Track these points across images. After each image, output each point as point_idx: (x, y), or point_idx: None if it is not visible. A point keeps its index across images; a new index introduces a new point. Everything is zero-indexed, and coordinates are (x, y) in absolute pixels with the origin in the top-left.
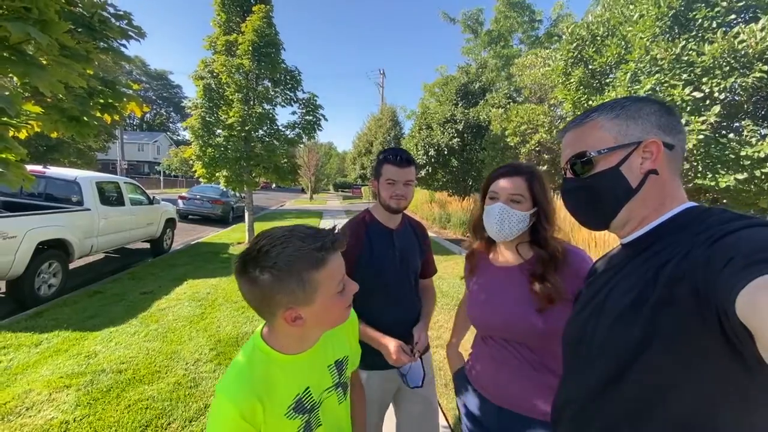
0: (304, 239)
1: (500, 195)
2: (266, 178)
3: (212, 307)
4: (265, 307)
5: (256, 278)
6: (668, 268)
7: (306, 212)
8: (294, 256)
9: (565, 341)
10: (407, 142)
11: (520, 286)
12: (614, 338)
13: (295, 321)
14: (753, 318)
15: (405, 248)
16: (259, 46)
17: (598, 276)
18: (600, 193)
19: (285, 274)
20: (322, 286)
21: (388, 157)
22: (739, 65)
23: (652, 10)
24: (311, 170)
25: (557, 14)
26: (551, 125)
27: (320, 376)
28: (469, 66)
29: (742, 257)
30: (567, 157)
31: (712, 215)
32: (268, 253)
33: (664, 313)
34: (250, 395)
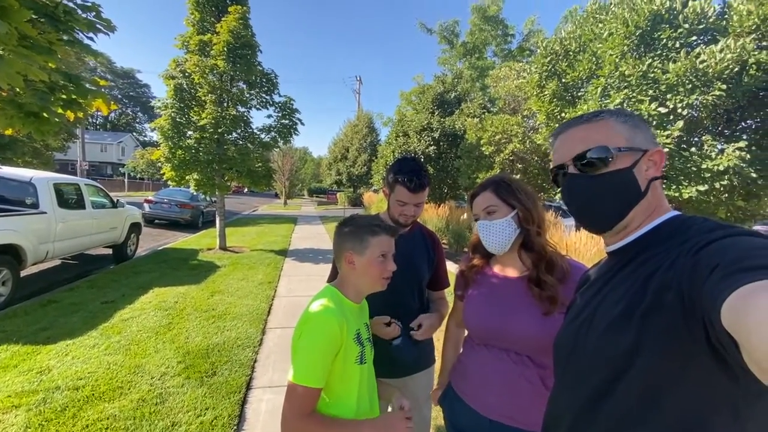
0: (373, 219)
1: (479, 213)
2: (239, 182)
3: (180, 317)
4: (340, 250)
5: (342, 231)
6: (657, 276)
7: (280, 217)
8: (364, 223)
9: (556, 353)
10: (384, 149)
11: (526, 295)
12: (605, 347)
13: (350, 263)
14: (737, 327)
15: (410, 254)
16: (234, 48)
17: (588, 287)
18: (613, 193)
19: (357, 230)
20: (372, 247)
21: (403, 179)
22: (700, 83)
23: (620, 29)
24: (286, 175)
25: (529, 29)
26: (524, 135)
27: (363, 326)
28: (445, 76)
29: (726, 265)
30: (576, 151)
31: (695, 224)
32: (354, 219)
33: (653, 321)
34: (341, 316)
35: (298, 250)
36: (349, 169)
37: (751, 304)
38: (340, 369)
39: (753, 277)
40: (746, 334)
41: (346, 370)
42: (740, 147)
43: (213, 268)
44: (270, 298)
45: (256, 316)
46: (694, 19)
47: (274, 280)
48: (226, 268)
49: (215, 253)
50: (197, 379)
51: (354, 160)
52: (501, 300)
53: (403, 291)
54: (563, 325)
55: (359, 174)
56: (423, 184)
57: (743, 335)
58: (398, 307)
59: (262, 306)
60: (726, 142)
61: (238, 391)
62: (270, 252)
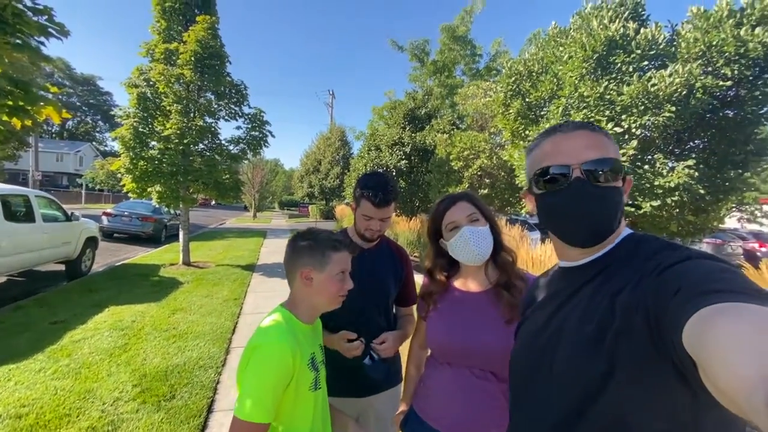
0: (333, 234)
1: (460, 221)
2: (205, 195)
3: (138, 337)
4: (293, 266)
5: (298, 244)
6: (623, 296)
7: (249, 231)
8: (324, 238)
9: (514, 373)
10: (356, 162)
11: (488, 308)
12: (578, 370)
13: (307, 280)
14: (698, 349)
15: (377, 270)
16: (202, 57)
17: (545, 302)
18: (613, 207)
19: (317, 245)
20: (333, 263)
21: (368, 194)
22: (651, 105)
23: (579, 52)
24: (255, 187)
25: (495, 50)
26: (491, 152)
27: (317, 349)
28: (416, 92)
29: (688, 288)
30: (590, 156)
31: (651, 242)
32: (312, 232)
33: (624, 344)
34: (294, 342)
35: (267, 264)
36: (321, 181)
37: (710, 327)
38: (292, 398)
39: (712, 300)
40: (706, 356)
41: (299, 398)
42: (689, 165)
43: (175, 285)
44: (235, 316)
45: (220, 334)
46: (645, 45)
47: (240, 296)
48: (189, 285)
49: (178, 268)
50: (154, 403)
51: (326, 172)
52: (464, 316)
53: (369, 308)
54: (519, 342)
55: (331, 187)
56: (388, 200)
57: (703, 357)
58: (364, 324)
59: (226, 324)
60: (676, 160)
61: (199, 414)
62: (237, 267)
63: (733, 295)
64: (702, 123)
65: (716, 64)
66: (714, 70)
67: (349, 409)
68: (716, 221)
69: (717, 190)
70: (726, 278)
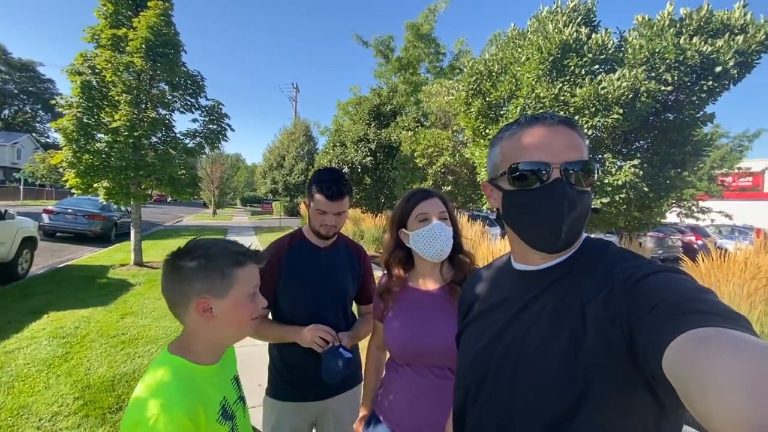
0: (230, 244)
1: (431, 215)
2: (160, 191)
3: (81, 345)
4: (181, 296)
5: (182, 266)
6: (594, 309)
7: (208, 229)
8: (220, 252)
9: (465, 386)
10: (321, 158)
11: (443, 305)
12: (551, 391)
13: (205, 312)
14: (684, 377)
15: (333, 268)
16: (154, 45)
17: (496, 305)
18: (584, 212)
19: (210, 263)
20: (239, 283)
21: (321, 186)
22: (601, 107)
23: (535, 54)
24: (215, 183)
25: (458, 49)
26: (454, 149)
27: (229, 388)
28: (381, 89)
29: (665, 307)
30: (573, 156)
31: (609, 247)
32: (199, 247)
33: (600, 361)
34: (193, 399)
35: None
36: (285, 177)
37: (700, 358)
38: None
39: (692, 322)
40: (697, 389)
41: None
42: (635, 164)
43: (125, 287)
44: None
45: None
46: (596, 49)
47: None
48: (141, 287)
49: (129, 269)
50: (98, 416)
51: (290, 168)
52: (420, 316)
53: (326, 309)
54: (469, 346)
55: (296, 183)
56: (342, 192)
57: (693, 388)
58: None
59: (181, 328)
60: (623, 159)
61: None
62: None
63: (713, 317)
64: (646, 125)
65: (659, 70)
66: (657, 75)
67: (307, 413)
68: (659, 217)
69: (659, 187)
70: (703, 298)
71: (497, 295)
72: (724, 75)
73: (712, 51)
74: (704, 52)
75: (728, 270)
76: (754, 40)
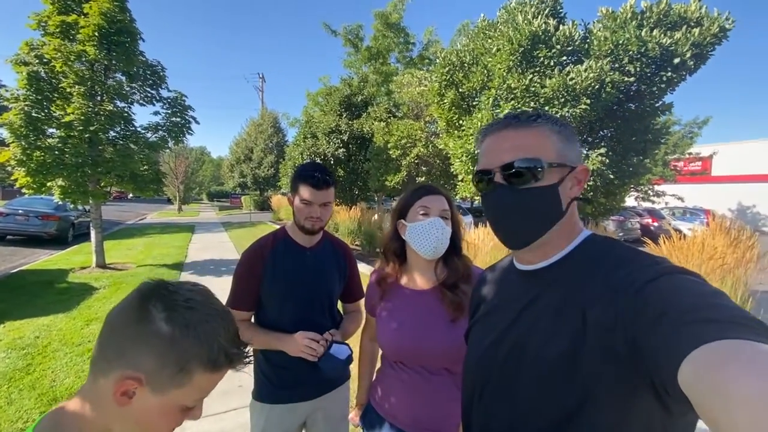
0: (228, 327)
1: (434, 210)
2: (120, 188)
3: (43, 356)
4: (115, 354)
5: (149, 319)
6: (595, 313)
7: (174, 226)
8: (208, 335)
9: (471, 383)
10: (292, 150)
11: (435, 307)
12: (550, 396)
13: (123, 395)
14: (708, 397)
15: (319, 268)
16: (108, 33)
17: (499, 306)
18: (535, 210)
19: (181, 344)
20: (190, 388)
21: (305, 175)
22: (570, 98)
23: (506, 45)
24: (179, 178)
25: (428, 39)
26: (427, 140)
27: None
28: (351, 79)
29: (676, 315)
30: (506, 159)
31: (615, 248)
32: (192, 306)
33: (602, 369)
34: None
35: (197, 262)
36: (254, 170)
37: (725, 378)
38: None
39: (710, 333)
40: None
41: None
42: (601, 153)
43: (88, 291)
44: None
45: None
46: (564, 41)
47: None
48: (105, 290)
49: (91, 272)
50: None
51: (259, 161)
52: (412, 316)
53: (313, 309)
54: (474, 348)
55: (266, 176)
56: (327, 181)
57: (718, 409)
58: (309, 326)
59: None
60: (590, 148)
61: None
62: (162, 267)
63: (729, 327)
64: (610, 114)
65: (622, 61)
66: (620, 66)
67: (297, 414)
68: (622, 202)
69: (623, 174)
70: (714, 303)
71: (501, 296)
72: (681, 66)
73: (671, 43)
74: (664, 44)
75: (688, 251)
76: (709, 32)
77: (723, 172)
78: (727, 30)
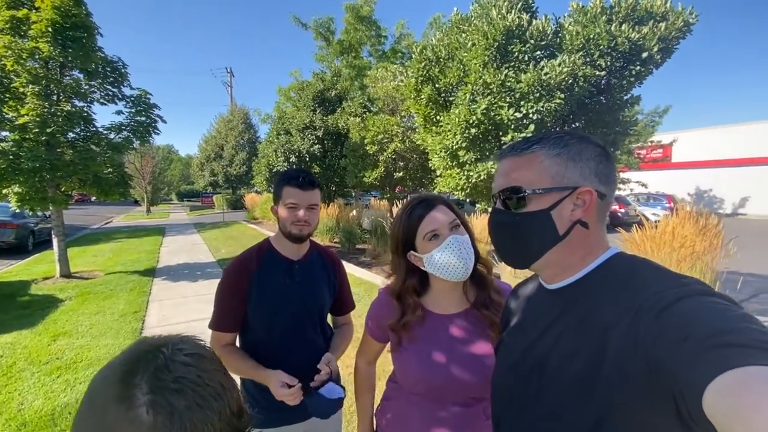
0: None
1: (441, 229)
2: (84, 192)
3: (8, 377)
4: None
5: (130, 396)
6: (615, 334)
7: (143, 229)
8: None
9: (497, 398)
10: (265, 148)
11: (475, 334)
12: (567, 413)
13: None
14: (728, 422)
15: (308, 282)
16: (63, 28)
17: (524, 324)
18: (527, 234)
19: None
20: None
21: (289, 178)
22: (545, 93)
23: (481, 40)
24: (146, 179)
25: (400, 32)
26: (404, 135)
27: None
28: (324, 73)
29: (699, 339)
30: (500, 186)
31: (641, 269)
32: (181, 389)
33: (620, 389)
34: None
35: (170, 267)
36: (225, 168)
37: (750, 403)
38: None
39: (735, 359)
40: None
41: None
42: None
43: (53, 303)
44: (137, 332)
45: None
46: (537, 35)
47: (141, 308)
48: (72, 301)
49: (55, 282)
50: None
51: (230, 158)
52: (445, 346)
53: (304, 326)
54: (499, 366)
55: (238, 174)
56: (312, 181)
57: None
58: (300, 344)
59: (126, 344)
60: None
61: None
62: (133, 273)
63: (753, 352)
64: (582, 107)
65: (594, 55)
66: (592, 61)
67: None
68: None
69: None
70: (739, 328)
71: (527, 313)
72: (649, 60)
73: (639, 38)
74: (633, 39)
75: (660, 239)
76: (674, 27)
77: (682, 158)
78: (691, 24)
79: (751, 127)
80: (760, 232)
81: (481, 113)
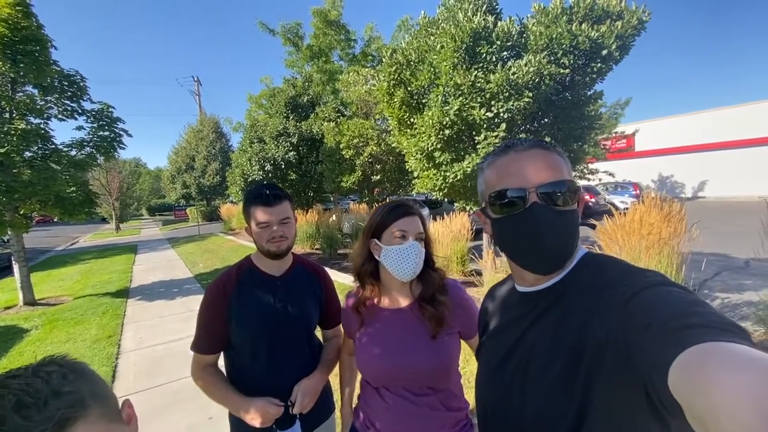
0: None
1: (410, 233)
2: (46, 213)
3: None
4: None
5: None
6: (590, 331)
7: (113, 247)
8: None
9: (483, 403)
10: (238, 157)
11: (418, 324)
12: (550, 413)
13: None
14: (693, 398)
15: (293, 298)
16: (12, 42)
17: (504, 326)
18: (573, 231)
19: None
20: None
21: (253, 197)
22: (514, 92)
23: (449, 43)
24: (114, 195)
25: (369, 36)
26: (379, 138)
27: None
28: (295, 79)
29: (661, 324)
30: (546, 179)
31: (608, 266)
32: None
33: (596, 383)
34: None
35: (144, 286)
36: (198, 180)
37: (707, 377)
38: None
39: (692, 338)
40: (709, 410)
41: None
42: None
43: (18, 335)
44: (113, 358)
45: None
46: (503, 36)
47: (116, 332)
48: (38, 330)
49: (19, 311)
50: None
51: (203, 169)
52: (392, 337)
53: (290, 344)
54: (483, 368)
55: (212, 185)
56: (278, 194)
57: (704, 409)
58: (288, 362)
59: (102, 371)
60: (534, 136)
61: None
62: (104, 296)
63: (709, 331)
64: (549, 104)
65: (557, 54)
66: (556, 60)
67: None
68: None
69: None
70: (696, 311)
71: (505, 316)
72: (609, 57)
73: (598, 36)
74: (593, 38)
75: (629, 228)
76: (630, 25)
77: (645, 147)
78: (645, 21)
79: (705, 115)
80: (719, 213)
81: (454, 114)
